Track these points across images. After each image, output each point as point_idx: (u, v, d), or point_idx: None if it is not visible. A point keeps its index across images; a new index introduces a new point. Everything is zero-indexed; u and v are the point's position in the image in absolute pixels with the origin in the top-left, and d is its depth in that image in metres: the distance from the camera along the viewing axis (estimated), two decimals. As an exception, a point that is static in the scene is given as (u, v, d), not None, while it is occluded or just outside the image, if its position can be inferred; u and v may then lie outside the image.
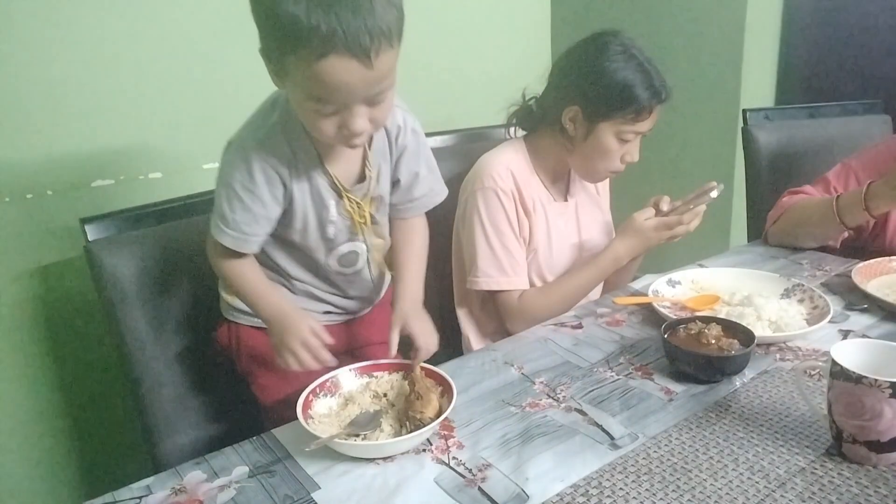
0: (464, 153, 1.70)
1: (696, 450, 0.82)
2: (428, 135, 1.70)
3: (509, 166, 1.34)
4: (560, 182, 1.46)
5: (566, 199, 1.46)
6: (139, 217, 1.21)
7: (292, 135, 0.96)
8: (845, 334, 1.09)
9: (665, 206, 1.35)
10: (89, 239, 1.15)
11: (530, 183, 1.37)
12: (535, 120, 1.41)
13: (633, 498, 0.74)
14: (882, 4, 1.87)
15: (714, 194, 1.29)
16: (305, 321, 0.96)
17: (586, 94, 1.27)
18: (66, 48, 1.31)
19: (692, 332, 1.01)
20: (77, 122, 1.35)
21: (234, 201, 0.96)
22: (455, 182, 1.64)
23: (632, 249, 1.34)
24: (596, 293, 1.48)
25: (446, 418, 0.87)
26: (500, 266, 1.34)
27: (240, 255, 1.00)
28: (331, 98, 0.84)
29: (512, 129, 1.53)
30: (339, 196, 1.02)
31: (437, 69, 1.87)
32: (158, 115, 1.44)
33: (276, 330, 0.97)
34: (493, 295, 1.38)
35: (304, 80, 0.82)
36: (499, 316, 1.39)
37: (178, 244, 1.19)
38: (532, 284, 1.40)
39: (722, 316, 1.11)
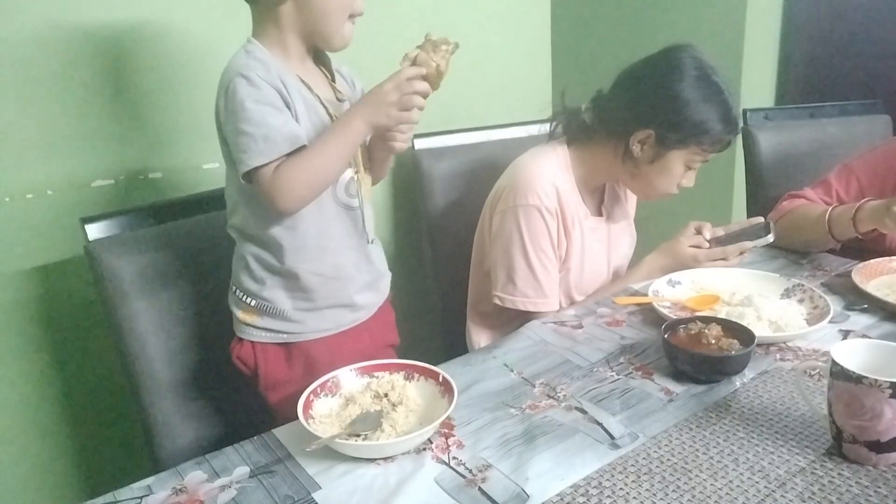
0: (468, 151, 1.70)
1: (696, 450, 0.82)
2: (432, 134, 1.71)
3: (554, 182, 1.29)
4: (596, 194, 1.43)
5: (601, 213, 1.43)
6: (139, 217, 1.21)
7: (269, 60, 0.99)
8: (845, 334, 1.09)
9: (707, 234, 1.35)
10: (89, 239, 1.15)
11: (572, 199, 1.33)
12: (587, 131, 1.35)
13: (633, 498, 0.74)
14: (882, 4, 1.87)
15: (766, 241, 1.30)
16: (379, 87, 0.96)
17: (663, 121, 1.22)
18: (66, 47, 1.31)
19: (692, 332, 1.01)
20: (77, 121, 1.35)
21: (260, 114, 0.94)
22: (463, 181, 1.65)
23: (666, 269, 1.34)
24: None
25: (447, 417, 0.87)
26: (539, 287, 1.32)
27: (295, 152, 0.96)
28: None
29: (537, 127, 1.49)
30: (330, 116, 1.04)
31: (437, 69, 1.87)
32: (158, 115, 1.44)
33: (372, 108, 0.96)
34: (524, 313, 1.34)
35: None
36: (516, 327, 1.37)
37: (178, 244, 1.19)
38: (559, 304, 1.38)
39: (722, 316, 1.11)
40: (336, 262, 1.09)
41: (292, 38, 1.03)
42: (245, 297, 1.09)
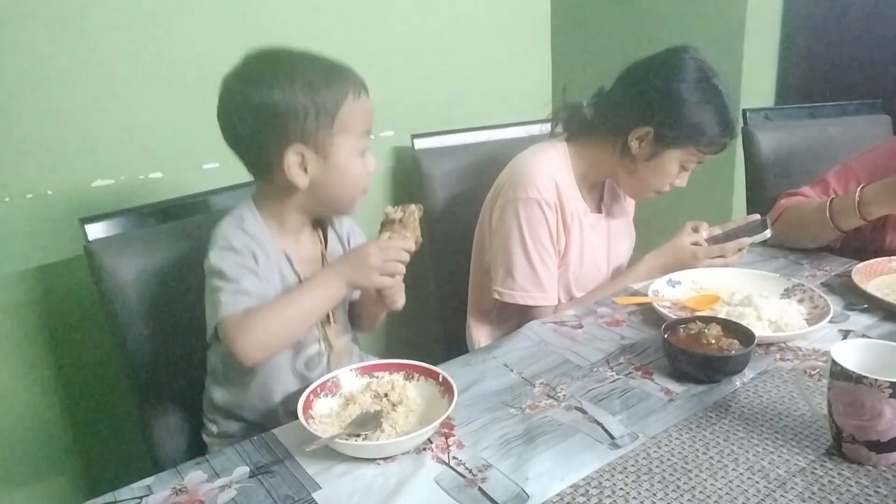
0: (468, 151, 1.70)
1: (696, 450, 0.82)
2: (432, 134, 1.71)
3: (554, 176, 1.31)
4: (595, 191, 1.44)
5: (600, 210, 1.44)
6: (139, 217, 1.21)
7: (259, 235, 1.00)
8: (845, 334, 1.09)
9: (704, 234, 1.36)
10: (89, 239, 1.15)
11: (571, 194, 1.34)
12: (587, 126, 1.36)
13: (633, 498, 0.74)
14: (882, 4, 1.87)
15: (763, 236, 1.31)
16: (362, 249, 0.97)
17: (662, 120, 1.24)
18: (66, 47, 1.31)
19: (692, 332, 1.01)
20: (77, 122, 1.35)
21: (237, 274, 0.95)
22: (463, 181, 1.65)
23: (666, 268, 1.34)
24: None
25: (447, 417, 0.87)
26: (538, 281, 1.32)
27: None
28: (369, 125, 1.00)
29: (537, 127, 1.50)
30: None
31: (436, 70, 1.87)
32: (158, 115, 1.44)
33: (354, 269, 0.95)
34: (523, 308, 1.36)
35: (355, 119, 0.97)
36: (516, 323, 1.37)
37: (178, 244, 1.19)
38: (558, 299, 1.38)
39: (722, 316, 1.11)
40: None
41: (294, 215, 1.03)
42: (209, 423, 1.12)
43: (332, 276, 0.96)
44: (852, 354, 0.79)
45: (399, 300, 1.08)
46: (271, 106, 0.93)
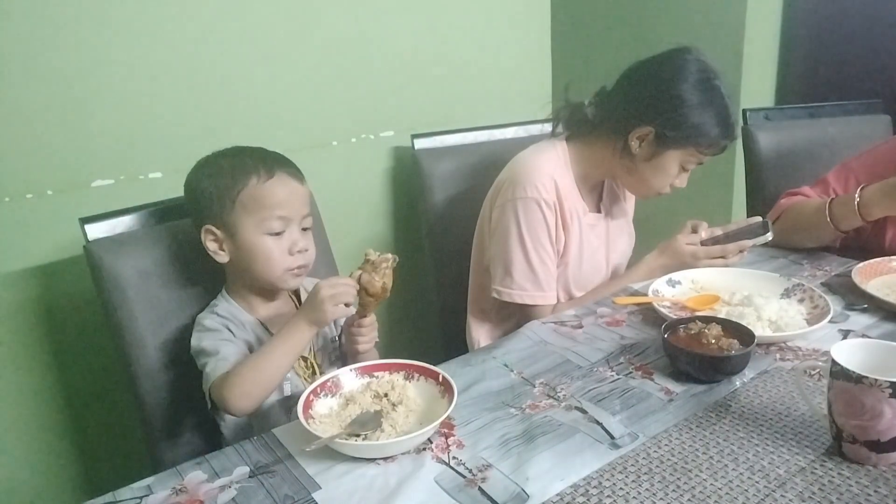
0: (468, 151, 1.70)
1: (696, 450, 0.82)
2: (432, 134, 1.71)
3: (553, 175, 1.31)
4: (595, 191, 1.44)
5: (599, 210, 1.44)
6: (139, 217, 1.21)
7: (232, 313, 1.12)
8: (845, 334, 1.09)
9: (704, 234, 1.36)
10: (89, 239, 1.15)
11: (570, 193, 1.35)
12: (587, 126, 1.36)
13: (633, 498, 0.75)
14: (882, 4, 1.87)
15: (765, 239, 1.30)
16: (314, 288, 1.01)
17: (663, 120, 1.24)
18: (66, 47, 1.31)
19: (692, 332, 1.01)
20: (77, 121, 1.35)
21: (215, 345, 1.05)
22: (463, 181, 1.65)
23: (666, 268, 1.34)
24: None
25: (447, 417, 0.87)
26: (537, 280, 1.32)
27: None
28: (283, 208, 1.06)
29: (537, 127, 1.49)
30: None
31: (436, 69, 1.87)
32: (158, 114, 1.44)
33: (309, 308, 1.01)
34: (522, 307, 1.36)
35: (257, 202, 1.05)
36: (515, 322, 1.36)
37: (178, 244, 1.19)
38: (557, 298, 1.38)
39: (722, 316, 1.11)
40: None
41: (246, 291, 1.14)
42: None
43: (294, 320, 1.03)
44: (852, 354, 0.79)
45: (363, 343, 1.14)
46: (189, 190, 1.09)
